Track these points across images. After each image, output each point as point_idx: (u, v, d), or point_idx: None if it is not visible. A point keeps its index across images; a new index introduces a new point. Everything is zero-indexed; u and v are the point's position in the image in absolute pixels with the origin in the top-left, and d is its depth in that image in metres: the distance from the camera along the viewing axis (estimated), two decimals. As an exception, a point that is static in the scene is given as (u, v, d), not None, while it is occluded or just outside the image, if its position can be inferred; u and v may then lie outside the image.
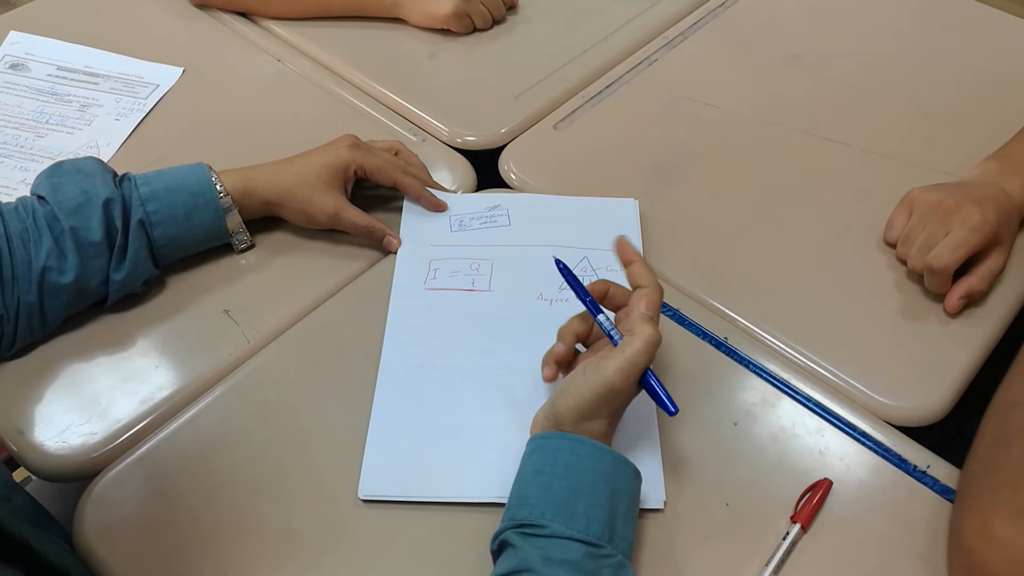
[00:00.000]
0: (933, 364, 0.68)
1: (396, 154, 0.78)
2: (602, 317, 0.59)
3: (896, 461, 0.63)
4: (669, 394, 0.56)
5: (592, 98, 0.90)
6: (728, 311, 0.72)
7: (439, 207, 0.78)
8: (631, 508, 0.55)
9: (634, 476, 0.56)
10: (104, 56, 0.94)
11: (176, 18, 0.99)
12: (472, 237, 0.76)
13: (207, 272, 0.74)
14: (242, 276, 0.74)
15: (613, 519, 0.52)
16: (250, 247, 0.75)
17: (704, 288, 0.73)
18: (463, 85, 0.91)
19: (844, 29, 0.99)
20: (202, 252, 0.73)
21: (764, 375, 0.67)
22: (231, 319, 0.70)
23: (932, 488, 0.61)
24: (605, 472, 0.54)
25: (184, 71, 0.93)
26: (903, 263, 0.73)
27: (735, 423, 0.64)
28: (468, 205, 0.79)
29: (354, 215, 0.73)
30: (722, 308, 0.72)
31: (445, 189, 0.80)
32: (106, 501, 0.60)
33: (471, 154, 0.85)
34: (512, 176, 0.83)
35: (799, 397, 0.66)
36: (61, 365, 0.67)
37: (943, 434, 0.66)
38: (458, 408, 0.65)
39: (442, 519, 0.59)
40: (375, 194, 0.78)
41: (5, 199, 0.67)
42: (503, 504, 0.56)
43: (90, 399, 0.65)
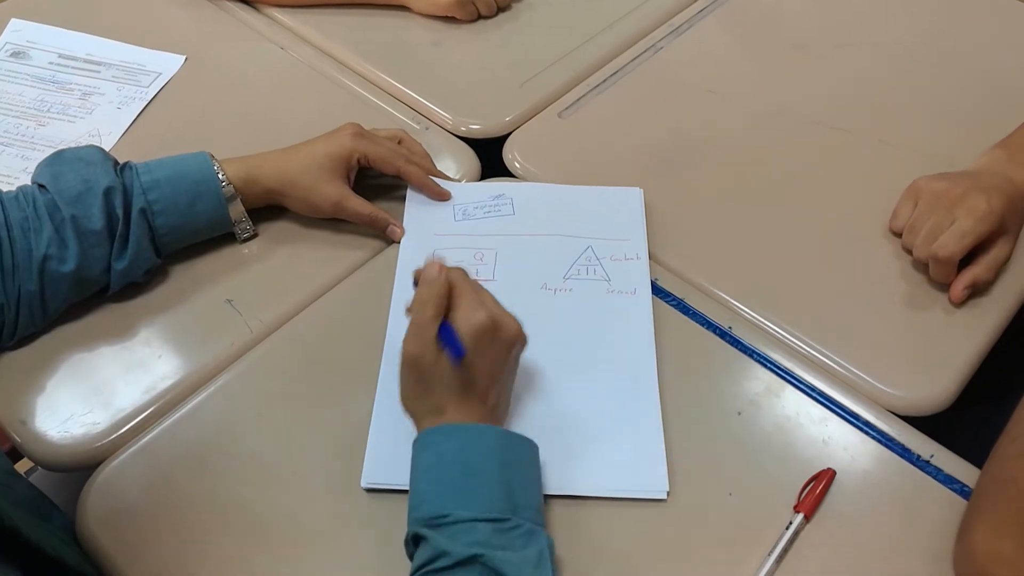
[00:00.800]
0: (937, 353, 0.67)
1: (400, 142, 0.78)
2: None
3: (900, 451, 0.62)
4: (455, 339, 0.55)
5: (597, 86, 0.89)
6: (732, 300, 0.71)
7: (443, 196, 0.77)
8: (529, 475, 0.56)
9: (523, 444, 0.56)
10: (106, 44, 0.94)
11: (178, 6, 0.99)
12: (476, 226, 0.76)
13: (210, 261, 0.73)
14: (245, 265, 0.73)
15: (510, 491, 0.53)
16: (253, 236, 0.75)
17: (708, 277, 0.73)
18: (467, 73, 0.91)
19: (851, 18, 0.98)
20: (205, 241, 0.73)
21: (768, 364, 0.67)
22: (234, 308, 0.70)
23: (936, 478, 0.61)
24: (491, 448, 0.54)
25: (186, 59, 0.92)
26: (908, 252, 0.73)
27: (739, 412, 0.64)
28: (472, 194, 0.78)
29: (357, 204, 0.73)
30: (726, 297, 0.71)
31: (449, 178, 0.80)
32: (109, 491, 0.60)
33: (475, 143, 0.85)
34: (516, 165, 0.83)
35: (803, 386, 0.66)
36: (63, 355, 0.67)
37: (947, 423, 0.66)
38: (461, 397, 0.64)
39: (445, 508, 0.59)
40: (378, 183, 0.78)
41: (6, 188, 0.67)
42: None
43: (93, 389, 0.65)
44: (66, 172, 0.66)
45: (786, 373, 0.67)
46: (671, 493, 0.60)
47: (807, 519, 0.58)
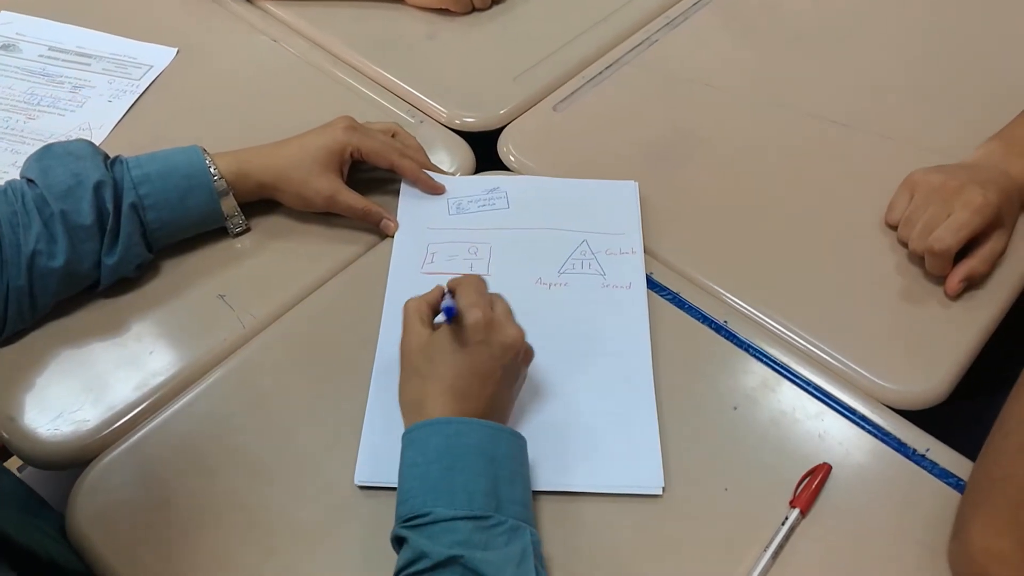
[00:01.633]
0: (933, 347, 0.67)
1: (393, 136, 0.77)
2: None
3: (895, 445, 0.62)
4: (453, 307, 0.56)
5: (592, 79, 0.89)
6: (728, 294, 0.71)
7: (437, 190, 0.77)
8: (516, 470, 0.55)
9: (512, 438, 0.56)
10: (97, 36, 0.93)
11: (169, -2, 0.98)
12: (470, 220, 0.75)
13: (202, 256, 0.73)
14: (237, 260, 0.73)
15: (495, 487, 0.52)
16: (245, 231, 0.74)
17: (704, 271, 0.72)
18: (461, 66, 0.90)
19: (848, 9, 0.97)
20: (197, 236, 0.73)
21: (764, 359, 0.67)
22: (226, 304, 0.70)
23: (931, 472, 0.61)
24: (478, 444, 0.54)
25: (178, 52, 0.92)
26: (904, 245, 0.73)
27: (735, 407, 0.64)
28: (466, 188, 0.78)
29: (350, 198, 0.72)
30: (722, 291, 0.71)
31: (443, 171, 0.79)
32: (100, 488, 0.59)
33: (470, 136, 0.84)
34: (511, 158, 0.82)
35: (799, 381, 0.65)
36: (53, 351, 0.66)
37: (943, 417, 0.65)
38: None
39: (439, 505, 0.59)
40: (372, 177, 0.77)
41: (-5, 182, 0.66)
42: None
43: (83, 385, 0.65)
44: (55, 166, 0.65)
45: (782, 367, 0.66)
46: (666, 489, 0.59)
47: (803, 514, 0.58)
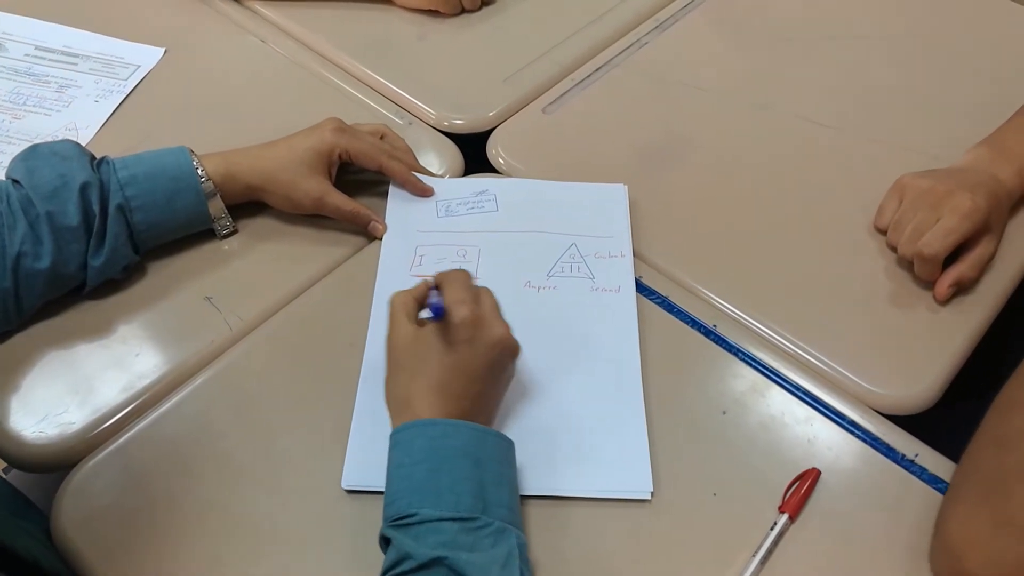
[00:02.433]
0: (922, 352, 0.67)
1: (382, 138, 0.77)
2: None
3: (884, 450, 0.62)
4: (440, 306, 0.56)
5: (581, 81, 0.89)
6: (717, 298, 0.71)
7: (425, 192, 0.76)
8: (502, 473, 0.55)
9: (499, 441, 0.56)
10: (83, 36, 0.92)
11: (157, -3, 0.97)
12: (459, 223, 0.75)
13: (189, 258, 0.72)
14: (225, 262, 0.72)
15: (482, 489, 0.52)
16: (233, 232, 0.74)
17: (693, 275, 0.72)
18: (451, 67, 0.90)
19: (837, 12, 0.98)
20: (184, 237, 0.72)
21: (753, 363, 0.67)
22: (213, 306, 0.69)
23: (920, 477, 0.61)
24: (463, 446, 0.54)
25: (166, 51, 0.91)
26: (893, 250, 0.73)
27: (723, 412, 0.64)
28: (455, 190, 0.77)
29: (338, 200, 0.72)
30: (711, 295, 0.71)
31: (432, 174, 0.79)
32: (84, 492, 0.59)
33: (459, 138, 0.84)
34: (500, 160, 0.82)
35: (788, 386, 0.65)
36: (39, 353, 0.66)
37: (931, 422, 0.66)
38: (443, 397, 0.64)
39: (427, 509, 0.58)
40: (360, 179, 0.77)
41: (-20, 183, 0.65)
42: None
43: (69, 388, 0.64)
44: (41, 167, 0.65)
45: (771, 372, 0.66)
46: (655, 493, 0.59)
47: (792, 519, 0.58)
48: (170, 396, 0.64)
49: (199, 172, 0.69)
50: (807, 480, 0.60)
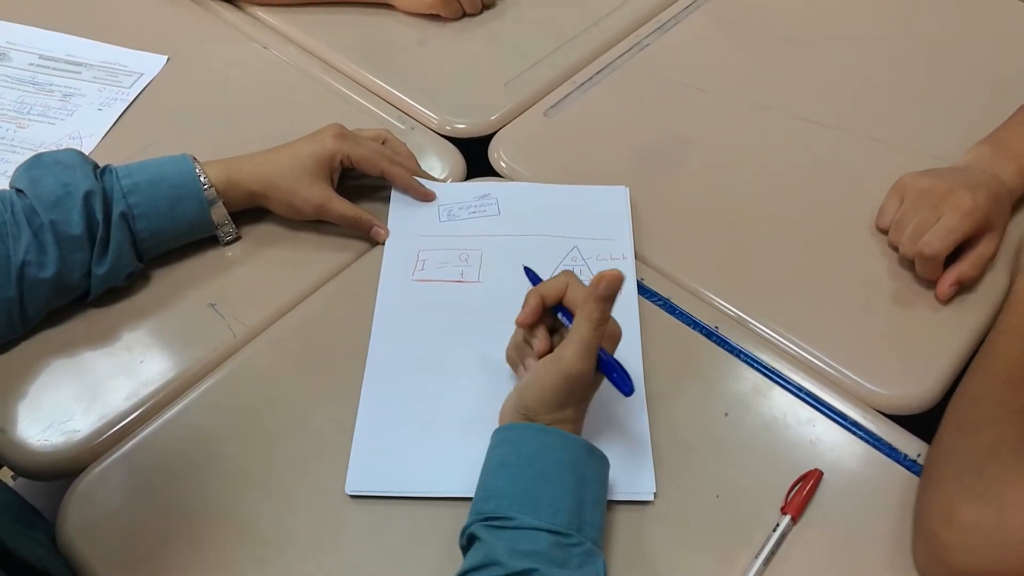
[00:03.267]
0: (924, 352, 0.67)
1: (384, 143, 0.77)
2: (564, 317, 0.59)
3: (887, 450, 0.62)
4: (627, 374, 0.56)
5: (583, 84, 0.89)
6: (718, 300, 0.71)
7: (427, 196, 0.77)
8: (600, 495, 0.55)
9: (602, 463, 0.56)
10: (87, 44, 0.93)
11: (161, 5, 0.98)
12: (461, 227, 0.75)
13: (192, 265, 0.73)
14: (228, 269, 0.73)
15: (581, 507, 0.52)
16: (236, 239, 0.74)
17: (695, 276, 0.72)
18: (452, 72, 0.90)
19: (838, 12, 0.97)
20: (187, 244, 0.72)
21: (755, 365, 0.67)
22: (217, 312, 0.70)
23: (923, 477, 0.61)
24: (571, 460, 0.54)
25: (168, 59, 0.91)
26: (895, 249, 0.73)
27: (726, 413, 0.64)
28: (457, 194, 0.78)
29: (341, 206, 0.72)
30: (712, 297, 0.71)
31: (433, 178, 0.79)
32: (90, 499, 0.59)
33: (460, 142, 0.84)
34: (502, 164, 0.82)
35: (790, 387, 0.66)
36: (43, 361, 0.66)
37: (934, 422, 0.65)
38: (446, 402, 0.64)
39: (429, 514, 0.59)
40: (362, 184, 0.77)
41: (-16, 193, 0.66)
42: (491, 499, 0.55)
43: (73, 395, 0.64)
44: (45, 176, 0.65)
45: (773, 373, 0.66)
46: (658, 494, 0.59)
47: (794, 520, 0.58)
48: (175, 403, 0.64)
49: (201, 179, 0.69)
50: (809, 481, 0.60)
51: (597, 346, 0.55)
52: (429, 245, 0.74)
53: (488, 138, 0.84)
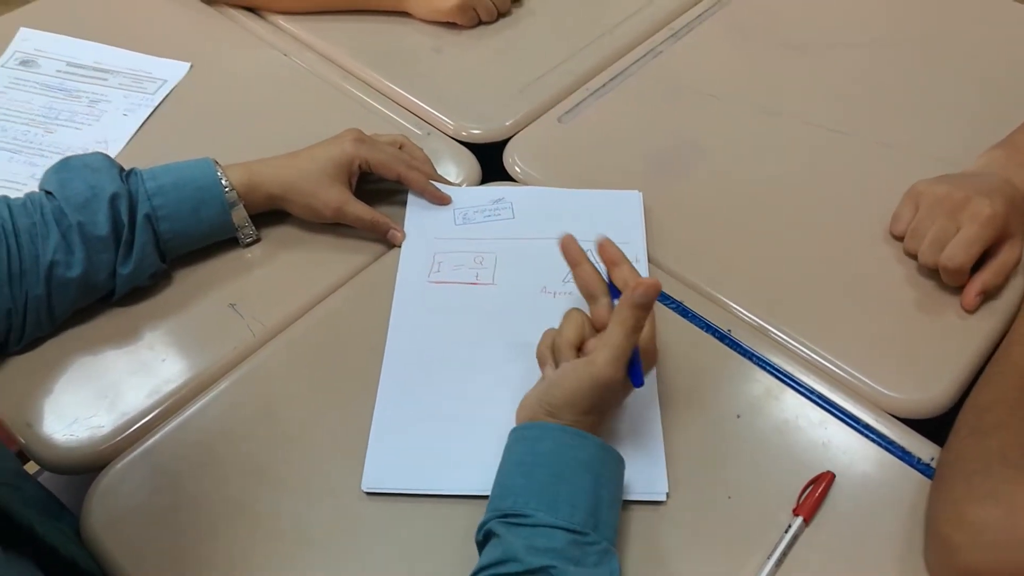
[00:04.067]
0: (938, 356, 0.67)
1: (401, 148, 0.78)
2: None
3: (899, 453, 0.62)
4: (641, 374, 0.57)
5: (597, 91, 0.90)
6: (732, 303, 0.71)
7: (443, 200, 0.78)
8: (615, 495, 0.55)
9: (618, 463, 0.56)
10: (113, 52, 0.95)
11: (184, 14, 1.00)
12: (476, 230, 0.76)
13: (213, 266, 0.74)
14: (248, 270, 0.74)
15: (597, 507, 0.53)
16: (256, 241, 0.75)
17: (708, 280, 0.73)
18: (468, 78, 0.91)
19: (849, 19, 0.98)
20: (208, 246, 0.74)
21: (767, 367, 0.67)
22: (237, 312, 0.71)
23: (936, 481, 0.61)
24: (588, 460, 0.54)
25: (192, 66, 0.93)
26: (912, 257, 0.73)
27: (738, 416, 0.64)
28: (472, 198, 0.79)
29: (358, 209, 0.74)
30: (726, 300, 0.72)
31: (449, 182, 0.80)
32: (113, 493, 0.61)
33: (476, 147, 0.85)
34: (517, 169, 0.83)
35: (802, 390, 0.66)
36: (69, 359, 0.68)
37: (948, 426, 0.66)
38: (462, 401, 0.65)
39: (445, 512, 0.59)
40: (379, 188, 0.79)
41: (14, 195, 0.67)
42: (506, 497, 0.56)
43: (98, 392, 0.66)
44: (73, 179, 0.67)
45: (785, 376, 0.67)
46: (670, 495, 0.60)
47: (806, 522, 0.58)
48: (195, 400, 0.66)
49: (223, 182, 0.70)
50: (821, 483, 0.60)
51: (628, 354, 0.55)
52: (445, 248, 0.75)
53: (503, 143, 0.85)
